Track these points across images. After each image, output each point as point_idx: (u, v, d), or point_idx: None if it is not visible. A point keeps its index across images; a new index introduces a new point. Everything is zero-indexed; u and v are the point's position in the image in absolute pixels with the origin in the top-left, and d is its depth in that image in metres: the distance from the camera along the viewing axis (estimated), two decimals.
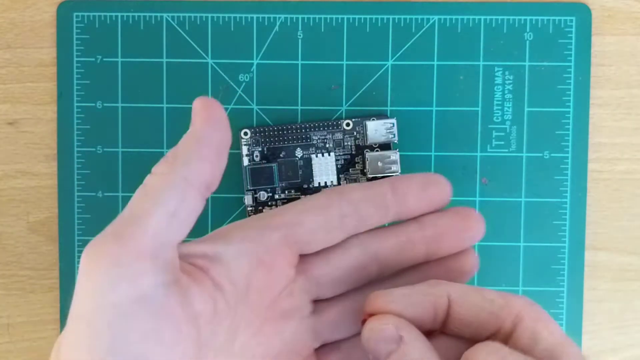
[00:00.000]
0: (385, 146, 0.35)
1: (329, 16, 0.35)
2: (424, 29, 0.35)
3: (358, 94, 0.36)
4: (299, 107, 0.36)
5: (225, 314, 0.22)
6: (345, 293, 0.26)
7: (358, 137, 0.35)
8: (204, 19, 0.35)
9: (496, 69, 0.35)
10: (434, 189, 0.26)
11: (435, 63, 0.35)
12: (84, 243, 0.36)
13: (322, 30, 0.35)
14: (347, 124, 0.35)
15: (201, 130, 0.23)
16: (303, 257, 0.26)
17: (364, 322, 0.23)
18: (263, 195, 0.35)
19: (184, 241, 0.23)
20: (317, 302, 0.26)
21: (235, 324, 0.23)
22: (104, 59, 0.36)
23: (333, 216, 0.25)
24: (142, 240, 0.21)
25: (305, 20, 0.35)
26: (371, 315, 0.23)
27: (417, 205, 0.26)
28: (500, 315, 0.23)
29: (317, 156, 0.35)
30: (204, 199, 0.23)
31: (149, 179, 0.23)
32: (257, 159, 0.35)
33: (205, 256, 0.23)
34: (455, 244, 0.26)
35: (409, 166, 0.35)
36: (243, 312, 0.23)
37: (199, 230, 0.24)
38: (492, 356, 0.20)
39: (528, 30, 0.35)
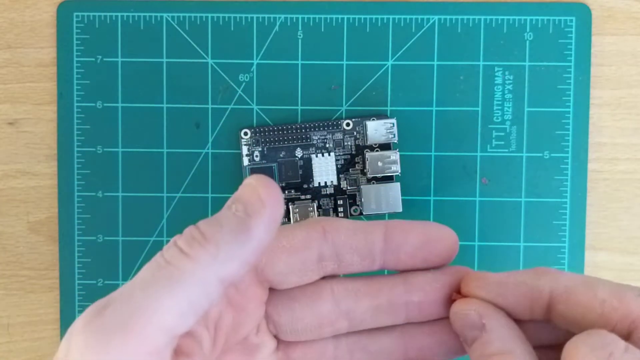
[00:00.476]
0: (385, 146, 0.35)
1: (329, 16, 0.35)
2: (424, 29, 0.35)
3: (358, 94, 0.36)
4: (299, 107, 0.36)
5: None
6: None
7: (358, 137, 0.35)
8: (204, 19, 0.35)
9: (496, 69, 0.35)
10: (435, 246, 0.22)
11: (435, 63, 0.35)
12: (84, 243, 0.36)
13: (322, 30, 0.35)
14: (347, 124, 0.35)
15: (256, 229, 0.19)
16: (271, 292, 0.23)
17: (453, 301, 0.21)
18: None
19: None
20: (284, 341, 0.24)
21: None
22: (104, 59, 0.36)
23: (310, 258, 0.22)
24: (151, 338, 0.18)
25: (305, 20, 0.35)
26: (462, 295, 0.21)
27: (410, 262, 0.22)
28: (612, 318, 0.19)
29: (317, 156, 0.35)
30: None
31: (173, 256, 0.19)
32: (257, 159, 0.35)
33: None
34: (442, 312, 0.22)
35: (409, 166, 0.35)
36: (209, 354, 0.21)
37: None
38: (598, 352, 0.17)
39: (528, 30, 0.35)
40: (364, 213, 0.35)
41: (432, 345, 0.22)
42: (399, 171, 0.35)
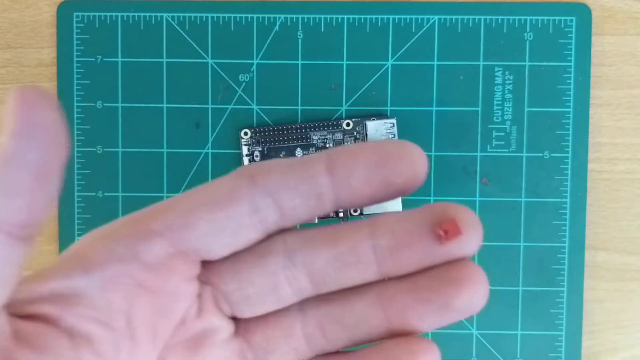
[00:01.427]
0: None
1: (329, 16, 0.35)
2: (424, 29, 0.35)
3: (358, 94, 0.36)
4: (299, 107, 0.36)
5: None
6: (277, 312, 0.19)
7: (358, 137, 0.35)
8: (204, 19, 0.35)
9: (496, 69, 0.35)
10: (395, 164, 0.17)
11: (435, 63, 0.35)
12: None
13: (322, 30, 0.35)
14: (347, 124, 0.35)
15: (9, 145, 0.14)
16: (208, 264, 0.19)
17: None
18: None
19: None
20: (242, 321, 0.20)
21: None
22: (104, 59, 0.36)
23: (240, 211, 0.18)
24: None
25: (305, 20, 0.35)
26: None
27: (367, 190, 0.18)
28: None
29: None
30: (24, 243, 0.15)
31: None
32: (257, 159, 0.35)
33: (58, 297, 0.16)
34: (424, 261, 0.18)
35: None
36: (133, 351, 0.17)
37: None
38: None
39: (528, 30, 0.35)
40: (364, 213, 0.35)
41: (416, 306, 0.18)
42: None
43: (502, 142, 0.36)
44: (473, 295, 0.17)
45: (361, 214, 0.35)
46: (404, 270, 0.18)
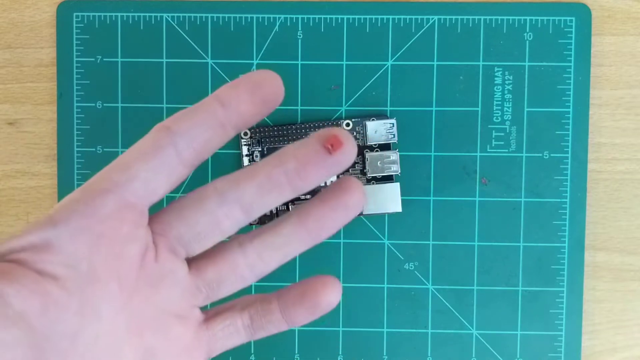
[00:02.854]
0: (385, 146, 0.35)
1: (328, 16, 0.35)
2: (424, 29, 0.35)
3: (358, 94, 0.36)
4: (299, 107, 0.36)
5: (66, 301, 0.21)
6: (222, 246, 0.25)
7: (358, 137, 0.35)
8: (203, 19, 0.35)
9: (496, 69, 0.35)
10: (264, 88, 0.23)
11: (435, 63, 0.35)
12: None
13: (322, 30, 0.35)
14: (347, 124, 0.35)
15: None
16: (159, 219, 0.24)
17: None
18: None
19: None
20: (196, 260, 0.25)
21: (90, 305, 0.22)
22: (104, 59, 0.36)
23: (168, 156, 0.23)
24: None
25: (305, 21, 0.35)
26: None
27: (252, 110, 0.23)
28: None
29: None
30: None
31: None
32: (257, 159, 0.35)
33: (31, 247, 0.21)
34: (322, 172, 0.23)
35: (408, 166, 0.35)
36: (96, 292, 0.22)
37: None
38: None
39: (528, 30, 0.35)
40: (363, 213, 0.35)
41: (327, 212, 0.24)
42: (399, 171, 0.35)
43: (502, 142, 0.36)
44: (358, 195, 0.24)
45: (361, 213, 0.35)
46: (310, 183, 0.23)
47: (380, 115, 0.35)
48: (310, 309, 0.25)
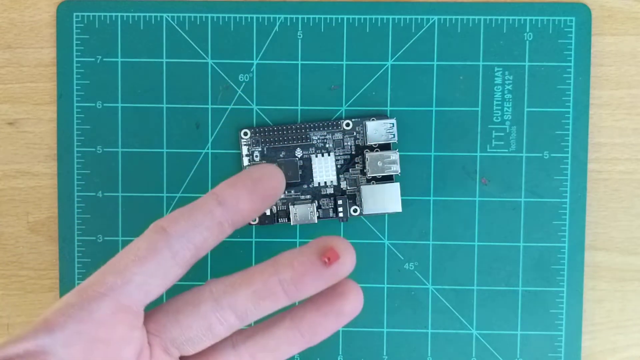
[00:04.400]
0: (385, 146, 0.35)
1: (328, 16, 0.35)
2: (424, 29, 0.35)
3: (358, 94, 0.36)
4: (299, 107, 0.36)
5: None
6: (215, 346, 0.25)
7: (358, 137, 0.35)
8: (203, 19, 0.35)
9: (496, 69, 0.35)
10: (264, 184, 0.24)
11: (435, 63, 0.35)
12: (84, 243, 0.36)
13: (322, 30, 0.35)
14: (347, 124, 0.35)
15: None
16: (154, 319, 0.24)
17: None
18: None
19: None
20: (189, 358, 0.25)
21: None
22: (104, 59, 0.36)
23: (164, 258, 0.23)
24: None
25: (305, 21, 0.35)
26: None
27: (251, 207, 0.24)
28: None
29: (317, 156, 0.35)
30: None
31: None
32: (257, 159, 0.35)
33: (26, 354, 0.21)
34: (318, 284, 0.23)
35: (408, 166, 0.35)
36: None
37: None
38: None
39: (528, 30, 0.35)
40: (363, 213, 0.35)
41: (320, 319, 0.24)
42: (399, 171, 0.35)
43: (502, 142, 0.36)
44: (355, 301, 0.24)
45: (360, 214, 0.35)
46: (306, 293, 0.23)
47: (380, 115, 0.35)
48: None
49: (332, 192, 0.35)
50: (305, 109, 0.36)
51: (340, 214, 0.35)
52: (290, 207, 0.35)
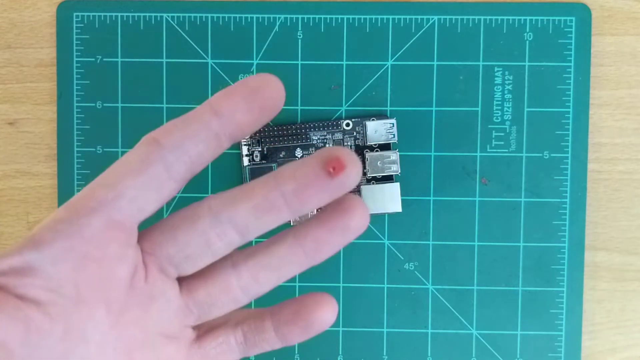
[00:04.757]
0: (385, 146, 0.35)
1: (328, 16, 0.35)
2: (424, 29, 0.35)
3: (358, 94, 0.36)
4: (299, 107, 0.36)
5: (50, 327, 0.20)
6: (215, 266, 0.24)
7: (358, 137, 0.35)
8: (203, 19, 0.35)
9: (496, 69, 0.35)
10: (262, 93, 0.22)
11: (435, 63, 0.35)
12: None
13: (322, 30, 0.35)
14: (347, 124, 0.35)
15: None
16: (149, 237, 0.23)
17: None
18: None
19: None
20: (187, 279, 0.24)
21: (76, 329, 0.21)
22: (104, 59, 0.36)
23: (157, 172, 0.21)
24: None
25: (305, 21, 0.35)
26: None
27: (249, 119, 0.22)
28: None
29: None
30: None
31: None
32: (257, 159, 0.35)
33: (12, 271, 0.20)
34: (322, 196, 0.22)
35: (408, 166, 0.35)
36: (82, 316, 0.21)
37: None
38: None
39: (528, 30, 0.35)
40: None
41: (325, 235, 0.23)
42: (399, 171, 0.35)
43: (502, 142, 0.36)
44: (361, 216, 0.22)
45: None
46: (310, 206, 0.22)
47: (380, 115, 0.35)
48: (305, 328, 0.24)
49: None
50: (305, 109, 0.36)
51: None
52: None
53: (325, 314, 0.24)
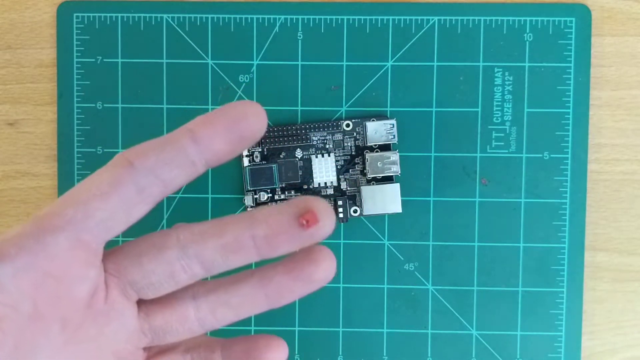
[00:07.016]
0: (385, 147, 0.35)
1: (328, 17, 0.35)
2: (424, 29, 0.35)
3: (358, 94, 0.36)
4: (299, 108, 0.36)
5: (1, 340, 0.20)
6: (175, 295, 0.24)
7: (358, 137, 0.35)
8: (204, 20, 0.35)
9: (496, 69, 0.35)
10: (243, 124, 0.21)
11: (435, 64, 0.35)
12: None
13: (322, 31, 0.35)
14: (347, 125, 0.35)
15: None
16: (114, 259, 0.23)
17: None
18: (263, 196, 0.35)
19: None
20: (146, 303, 0.24)
21: (27, 345, 0.21)
22: (104, 60, 0.36)
23: (129, 194, 0.21)
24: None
25: (305, 21, 0.35)
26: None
27: (228, 148, 0.22)
28: None
29: (317, 157, 0.35)
30: None
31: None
32: (257, 160, 0.35)
33: None
34: (292, 244, 0.22)
35: (408, 167, 0.35)
36: (36, 332, 0.21)
37: None
38: None
39: (528, 31, 0.35)
40: (363, 214, 0.35)
41: (289, 283, 0.23)
42: (399, 172, 0.35)
43: (502, 143, 0.36)
44: (327, 269, 0.22)
45: (360, 214, 0.35)
46: (278, 252, 0.22)
47: (380, 116, 0.35)
48: None
49: (332, 192, 0.35)
50: (305, 109, 0.36)
51: (340, 215, 0.35)
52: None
53: (274, 357, 0.24)
